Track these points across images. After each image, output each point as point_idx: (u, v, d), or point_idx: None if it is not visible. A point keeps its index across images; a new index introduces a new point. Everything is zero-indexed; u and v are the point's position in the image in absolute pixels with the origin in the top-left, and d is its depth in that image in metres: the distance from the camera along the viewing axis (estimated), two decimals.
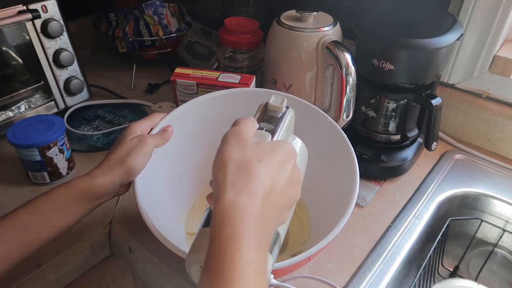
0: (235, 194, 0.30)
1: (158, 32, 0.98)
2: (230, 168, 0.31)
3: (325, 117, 0.57)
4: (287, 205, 0.35)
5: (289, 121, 0.40)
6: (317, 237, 0.54)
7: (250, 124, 0.36)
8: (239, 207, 0.30)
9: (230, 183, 0.31)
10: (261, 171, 0.32)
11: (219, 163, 0.32)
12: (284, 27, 0.69)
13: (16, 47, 0.79)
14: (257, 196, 0.31)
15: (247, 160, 0.32)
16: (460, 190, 0.72)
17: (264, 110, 0.41)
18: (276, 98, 0.41)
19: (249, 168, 0.31)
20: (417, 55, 0.63)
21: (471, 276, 0.75)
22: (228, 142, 0.34)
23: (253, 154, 0.32)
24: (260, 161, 0.32)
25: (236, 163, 0.32)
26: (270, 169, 0.32)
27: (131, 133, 0.52)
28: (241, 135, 0.34)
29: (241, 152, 0.32)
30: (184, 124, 0.58)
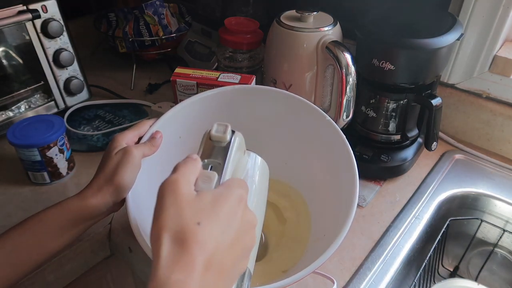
0: (168, 270, 0.27)
1: (158, 32, 0.98)
2: (165, 240, 0.28)
3: (323, 116, 0.57)
4: (240, 257, 0.32)
5: (237, 148, 0.37)
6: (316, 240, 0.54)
7: (191, 169, 0.33)
8: (172, 285, 0.26)
9: (164, 258, 0.27)
10: (200, 236, 0.28)
11: (154, 234, 0.29)
12: (284, 27, 0.69)
13: (16, 47, 0.79)
14: (195, 267, 0.27)
15: (184, 226, 0.28)
16: (460, 190, 0.72)
17: (208, 142, 0.38)
18: (218, 127, 0.37)
19: (186, 236, 0.28)
20: (417, 55, 0.63)
21: (471, 276, 0.75)
22: (163, 202, 0.30)
23: (190, 215, 0.29)
24: (198, 224, 0.29)
25: (171, 232, 0.28)
26: (212, 229, 0.29)
27: (116, 146, 0.49)
28: (178, 189, 0.30)
29: (177, 216, 0.29)
30: (176, 126, 0.57)
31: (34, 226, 0.46)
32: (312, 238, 0.56)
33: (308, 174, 0.60)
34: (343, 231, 0.44)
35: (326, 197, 0.57)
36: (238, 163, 0.38)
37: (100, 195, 0.46)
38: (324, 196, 0.57)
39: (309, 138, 0.59)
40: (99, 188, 0.47)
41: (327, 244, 0.44)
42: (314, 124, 0.57)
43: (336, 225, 0.47)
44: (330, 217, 0.53)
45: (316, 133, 0.58)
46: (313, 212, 0.60)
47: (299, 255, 0.55)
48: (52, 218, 0.46)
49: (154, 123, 0.54)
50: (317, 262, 0.42)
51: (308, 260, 0.43)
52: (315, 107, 0.58)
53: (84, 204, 0.46)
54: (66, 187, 0.72)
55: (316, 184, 0.59)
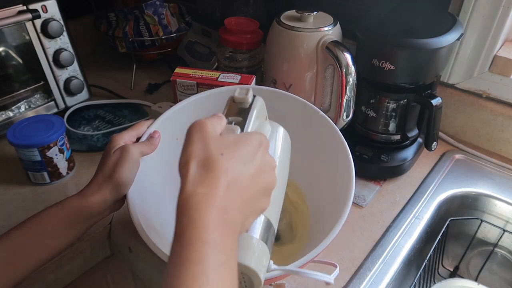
0: (194, 186, 0.31)
1: (158, 32, 0.98)
2: (192, 165, 0.32)
3: (315, 111, 0.57)
4: (260, 192, 0.35)
5: (258, 110, 0.40)
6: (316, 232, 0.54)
7: (216, 119, 0.36)
8: (196, 197, 0.31)
9: (191, 178, 0.32)
10: (222, 163, 0.32)
11: (183, 161, 0.33)
12: (284, 27, 0.69)
13: (16, 47, 0.79)
14: (218, 186, 0.31)
15: (209, 155, 0.32)
16: (460, 190, 0.72)
17: (232, 104, 0.41)
18: (240, 90, 0.41)
19: (210, 163, 0.32)
20: (417, 55, 0.63)
21: (471, 276, 0.75)
22: (190, 138, 0.34)
23: (215, 148, 0.33)
24: (221, 154, 0.33)
25: (198, 159, 0.32)
26: (233, 160, 0.33)
27: (114, 145, 0.50)
28: (204, 129, 0.34)
29: (203, 148, 0.33)
30: (173, 127, 0.57)
31: (35, 226, 0.46)
32: (311, 230, 0.57)
33: (305, 167, 0.60)
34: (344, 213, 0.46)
35: (323, 190, 0.57)
36: (259, 127, 0.41)
37: (100, 193, 0.47)
38: (321, 189, 0.57)
39: (304, 132, 0.59)
40: (98, 186, 0.47)
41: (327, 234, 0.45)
42: (308, 119, 0.58)
43: (335, 214, 0.47)
44: (328, 208, 0.53)
45: (310, 127, 0.58)
46: (311, 205, 0.60)
47: (300, 246, 0.55)
48: (52, 217, 0.47)
49: (152, 124, 0.54)
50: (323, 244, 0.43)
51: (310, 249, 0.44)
52: (308, 103, 0.58)
53: (84, 202, 0.47)
54: (66, 187, 0.72)
55: (313, 178, 0.60)
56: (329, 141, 0.56)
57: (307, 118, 0.58)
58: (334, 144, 0.55)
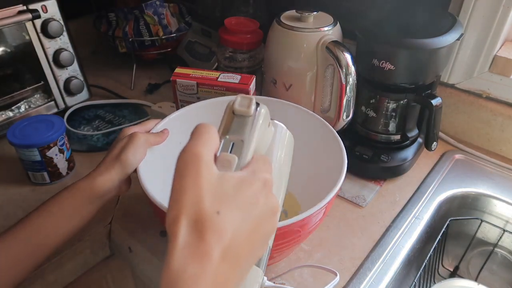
0: (184, 261, 0.26)
1: (158, 32, 0.98)
2: (182, 225, 0.27)
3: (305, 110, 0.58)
4: (259, 244, 0.31)
5: (261, 123, 0.35)
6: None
7: (211, 138, 0.31)
8: (186, 281, 0.25)
9: (180, 246, 0.26)
10: (218, 225, 0.27)
11: (171, 216, 0.27)
12: (284, 27, 0.69)
13: (16, 47, 0.79)
14: (211, 258, 0.26)
15: (203, 213, 0.27)
16: (460, 190, 0.72)
17: (230, 115, 0.35)
18: (242, 100, 0.35)
19: (204, 225, 0.27)
20: (417, 55, 0.63)
21: (471, 276, 0.75)
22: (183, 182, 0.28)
23: (211, 202, 0.27)
24: (218, 213, 0.27)
25: (189, 218, 0.27)
26: (231, 218, 0.28)
27: (122, 136, 0.54)
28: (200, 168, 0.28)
29: (197, 202, 0.27)
30: (178, 129, 0.58)
31: (51, 207, 0.49)
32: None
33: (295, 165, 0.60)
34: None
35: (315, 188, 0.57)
36: (262, 136, 0.37)
37: (106, 173, 0.50)
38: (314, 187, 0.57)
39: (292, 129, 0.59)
40: (106, 167, 0.51)
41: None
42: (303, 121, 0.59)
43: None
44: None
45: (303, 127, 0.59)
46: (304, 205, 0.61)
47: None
48: (65, 198, 0.50)
49: (159, 122, 0.58)
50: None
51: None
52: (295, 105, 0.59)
53: (92, 183, 0.50)
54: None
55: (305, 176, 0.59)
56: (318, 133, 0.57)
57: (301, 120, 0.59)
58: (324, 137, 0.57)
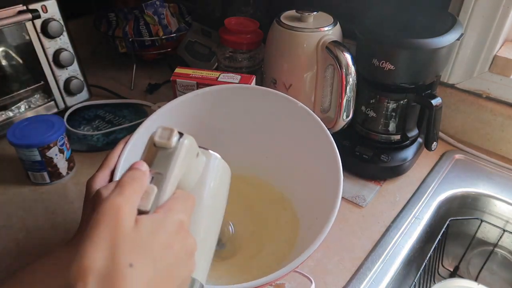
0: None
1: (158, 32, 0.98)
2: (90, 282, 0.25)
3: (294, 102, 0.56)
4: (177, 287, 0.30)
5: (184, 155, 0.34)
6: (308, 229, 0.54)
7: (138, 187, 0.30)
8: None
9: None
10: (131, 280, 0.25)
11: (77, 270, 0.25)
12: (284, 27, 0.69)
13: (16, 47, 0.79)
14: None
15: (115, 268, 0.25)
16: (460, 190, 0.72)
17: (152, 148, 0.34)
18: (162, 132, 0.34)
19: (116, 282, 0.25)
20: (417, 55, 0.63)
21: (471, 276, 0.75)
22: (96, 233, 0.26)
23: (124, 255, 0.26)
24: (131, 266, 0.26)
25: (99, 275, 0.25)
26: (144, 269, 0.26)
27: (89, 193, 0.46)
28: (119, 221, 0.27)
29: (109, 255, 0.25)
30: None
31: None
32: (302, 227, 0.56)
33: (290, 164, 0.60)
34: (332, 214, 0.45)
35: (311, 186, 0.57)
36: (189, 167, 0.36)
37: None
38: (309, 185, 0.57)
39: (285, 128, 0.59)
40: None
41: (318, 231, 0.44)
42: (287, 113, 0.57)
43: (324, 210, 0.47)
44: (317, 202, 0.52)
45: (292, 121, 0.57)
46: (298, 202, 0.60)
47: (292, 244, 0.55)
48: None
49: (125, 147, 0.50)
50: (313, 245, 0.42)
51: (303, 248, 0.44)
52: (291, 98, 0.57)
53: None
54: (66, 187, 0.72)
55: (300, 174, 0.59)
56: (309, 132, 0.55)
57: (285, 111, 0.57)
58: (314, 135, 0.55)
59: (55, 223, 0.64)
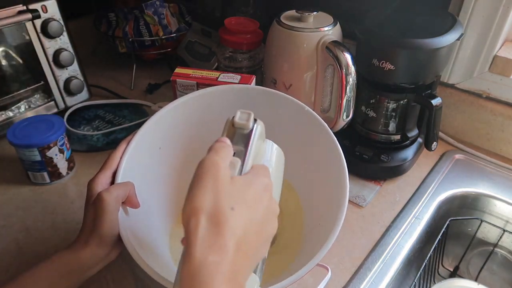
0: (205, 251, 0.29)
1: (158, 32, 0.98)
2: (202, 218, 0.30)
3: (302, 106, 0.56)
4: (263, 243, 0.34)
5: (258, 136, 0.39)
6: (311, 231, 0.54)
7: (227, 153, 0.34)
8: (208, 267, 0.29)
9: (200, 238, 0.29)
10: (233, 220, 0.30)
11: (190, 209, 0.30)
12: (284, 27, 0.69)
13: (16, 47, 0.79)
14: (228, 249, 0.30)
15: (219, 209, 0.30)
16: (460, 190, 0.72)
17: (231, 128, 0.39)
18: (241, 115, 0.39)
19: (221, 220, 0.30)
20: (417, 55, 0.63)
21: (471, 276, 0.75)
22: (202, 183, 0.31)
23: (226, 200, 0.31)
24: (232, 209, 0.31)
25: (208, 213, 0.30)
26: (243, 215, 0.31)
27: (91, 195, 0.46)
28: (218, 173, 0.32)
29: (215, 198, 0.31)
30: (151, 139, 0.54)
31: (26, 282, 0.44)
32: (306, 228, 0.56)
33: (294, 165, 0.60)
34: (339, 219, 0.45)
35: (316, 187, 0.57)
36: (259, 149, 0.40)
37: (88, 248, 0.45)
38: (315, 186, 0.57)
39: (293, 130, 0.58)
40: (85, 240, 0.45)
41: (324, 234, 0.44)
42: (295, 116, 0.57)
43: (330, 212, 0.47)
44: (323, 205, 0.53)
45: (298, 124, 0.57)
46: (304, 202, 0.60)
47: (296, 247, 0.55)
48: (43, 273, 0.44)
49: (126, 150, 0.51)
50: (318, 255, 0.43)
51: (308, 250, 0.43)
52: (294, 99, 0.57)
53: (74, 257, 0.44)
54: (66, 187, 0.72)
55: (306, 176, 0.59)
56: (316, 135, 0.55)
57: (293, 114, 0.57)
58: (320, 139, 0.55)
59: (55, 223, 0.64)
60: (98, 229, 0.44)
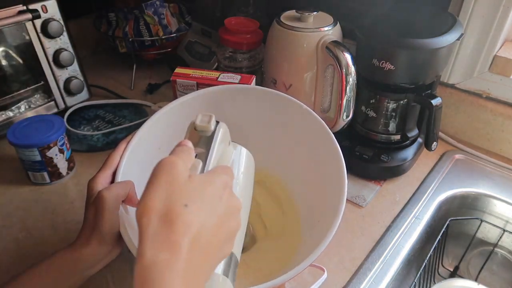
0: (156, 249, 0.29)
1: (158, 32, 0.98)
2: (153, 218, 0.30)
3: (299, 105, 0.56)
4: (224, 240, 0.33)
5: (221, 138, 0.39)
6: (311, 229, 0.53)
7: (187, 157, 0.34)
8: (159, 265, 0.28)
9: (151, 236, 0.29)
10: (186, 217, 0.30)
11: (142, 210, 0.30)
12: (284, 27, 0.69)
13: (16, 47, 0.79)
14: (181, 246, 0.29)
15: (171, 207, 0.30)
16: (460, 190, 0.72)
17: (193, 132, 0.39)
18: (202, 118, 0.39)
19: (173, 217, 0.29)
20: (417, 55, 0.63)
21: (471, 276, 0.75)
22: (156, 182, 0.31)
23: (179, 197, 0.31)
24: (185, 206, 0.30)
25: (159, 212, 0.30)
26: (197, 211, 0.31)
27: (92, 194, 0.47)
28: (174, 172, 0.32)
29: (167, 198, 0.30)
30: (151, 140, 0.54)
31: (28, 281, 0.44)
32: (305, 227, 0.56)
33: (293, 164, 0.60)
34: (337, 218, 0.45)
35: (315, 185, 0.57)
36: (223, 153, 0.40)
37: (89, 246, 0.45)
38: (313, 184, 0.57)
39: (292, 129, 0.59)
40: (87, 239, 0.45)
41: (322, 232, 0.44)
42: (294, 115, 0.57)
43: (328, 210, 0.47)
44: (320, 203, 0.52)
45: (297, 123, 0.57)
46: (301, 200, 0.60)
47: (295, 244, 0.55)
48: (44, 272, 0.44)
49: (125, 150, 0.51)
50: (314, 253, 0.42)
51: (307, 249, 0.43)
52: (292, 98, 0.57)
53: (75, 256, 0.45)
54: (66, 187, 0.72)
55: (302, 174, 0.59)
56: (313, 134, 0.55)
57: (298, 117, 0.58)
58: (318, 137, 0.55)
59: (55, 223, 0.64)
60: (98, 228, 0.44)
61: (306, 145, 0.58)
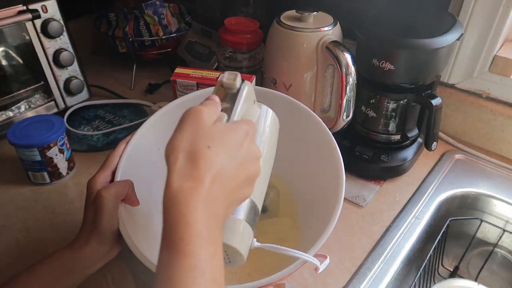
0: (182, 179, 0.32)
1: (158, 32, 0.98)
2: (179, 155, 0.33)
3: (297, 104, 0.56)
4: (244, 182, 0.36)
5: (246, 95, 0.41)
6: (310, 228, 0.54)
7: (213, 108, 0.37)
8: (185, 191, 0.32)
9: (177, 170, 0.33)
10: (208, 157, 0.33)
11: (170, 148, 0.34)
12: (284, 27, 0.69)
13: (16, 47, 0.80)
14: (203, 180, 0.32)
15: (196, 147, 0.33)
16: (460, 190, 0.72)
17: (220, 89, 0.41)
18: (229, 76, 0.41)
19: (197, 156, 0.33)
20: (417, 55, 0.63)
21: (471, 276, 0.75)
22: (183, 125, 0.35)
23: (203, 140, 0.34)
24: (208, 148, 0.33)
25: (185, 150, 0.33)
26: (219, 153, 0.34)
27: (91, 192, 0.47)
28: (199, 118, 0.35)
29: (192, 140, 0.34)
30: (150, 140, 0.54)
31: (27, 280, 0.44)
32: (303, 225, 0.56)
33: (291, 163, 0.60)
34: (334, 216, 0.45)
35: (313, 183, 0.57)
36: (248, 110, 0.41)
37: (88, 246, 0.45)
38: (312, 182, 0.57)
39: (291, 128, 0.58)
40: (86, 239, 0.45)
41: (320, 230, 0.45)
42: (293, 114, 0.57)
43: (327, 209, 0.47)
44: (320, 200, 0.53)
45: (295, 121, 0.57)
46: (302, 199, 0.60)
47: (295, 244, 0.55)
48: (44, 270, 0.45)
49: (124, 150, 0.51)
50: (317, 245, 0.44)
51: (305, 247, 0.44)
52: (291, 99, 0.57)
53: (75, 255, 0.45)
54: (66, 187, 0.72)
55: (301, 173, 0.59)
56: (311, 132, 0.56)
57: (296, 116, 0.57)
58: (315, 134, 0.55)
59: (55, 223, 0.64)
60: (98, 227, 0.44)
61: (305, 145, 0.58)
